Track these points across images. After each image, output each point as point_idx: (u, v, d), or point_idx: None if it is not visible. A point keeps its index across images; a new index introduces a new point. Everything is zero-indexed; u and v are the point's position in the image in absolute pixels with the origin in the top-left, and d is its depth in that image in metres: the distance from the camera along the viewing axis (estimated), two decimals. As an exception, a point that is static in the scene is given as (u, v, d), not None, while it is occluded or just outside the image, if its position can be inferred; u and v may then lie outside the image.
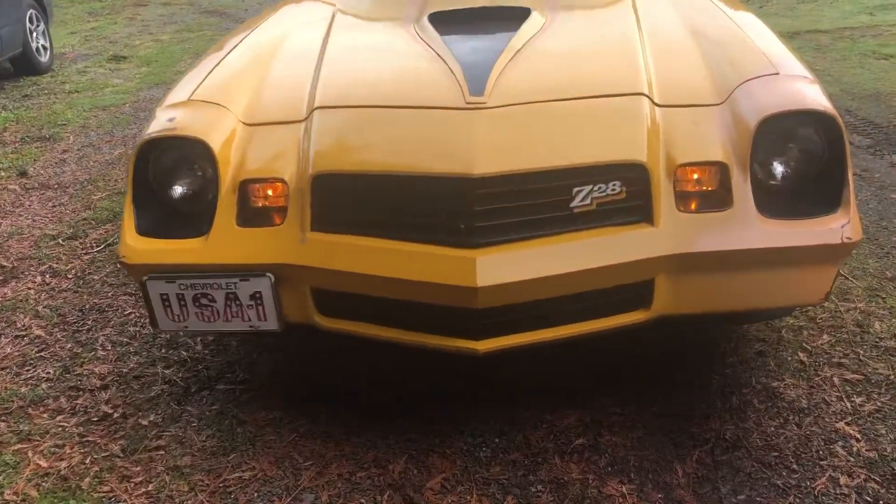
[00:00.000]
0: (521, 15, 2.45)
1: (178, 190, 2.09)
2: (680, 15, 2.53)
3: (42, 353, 2.71)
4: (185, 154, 2.07)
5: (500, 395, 2.30)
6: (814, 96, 1.95)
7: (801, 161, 1.95)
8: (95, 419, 2.33)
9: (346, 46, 2.48)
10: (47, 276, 3.31)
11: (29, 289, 3.20)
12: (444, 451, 2.09)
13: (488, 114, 1.95)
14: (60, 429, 2.29)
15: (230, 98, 2.19)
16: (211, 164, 2.02)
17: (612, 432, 2.12)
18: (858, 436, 2.05)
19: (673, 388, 2.28)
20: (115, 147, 5.05)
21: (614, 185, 1.88)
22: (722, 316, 2.07)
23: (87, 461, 2.15)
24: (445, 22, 2.48)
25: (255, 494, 1.99)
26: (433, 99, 2.04)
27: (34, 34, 7.41)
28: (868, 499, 1.86)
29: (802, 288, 1.96)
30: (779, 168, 1.96)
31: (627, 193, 1.89)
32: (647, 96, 2.01)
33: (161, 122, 2.10)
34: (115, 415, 2.34)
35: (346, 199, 1.95)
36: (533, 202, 1.86)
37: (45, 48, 7.63)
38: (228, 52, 2.53)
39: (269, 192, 2.03)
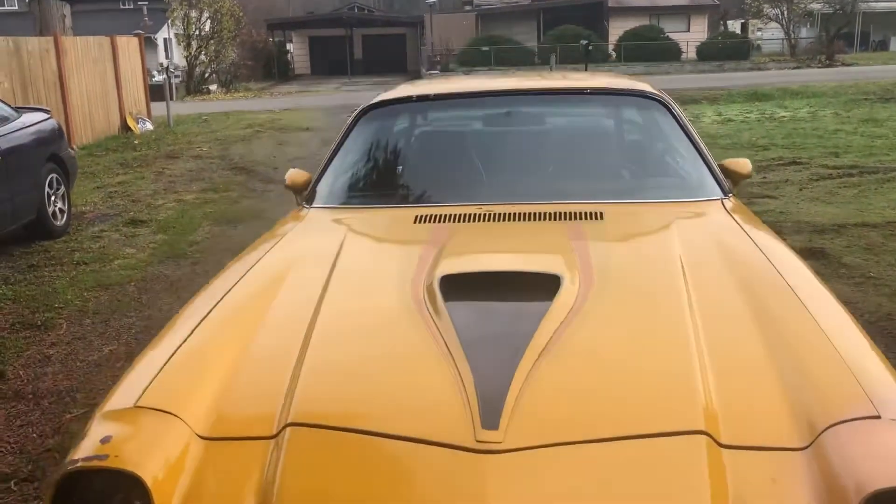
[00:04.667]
0: (550, 287, 2.05)
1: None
2: (739, 286, 2.13)
3: None
4: (117, 488, 1.63)
5: None
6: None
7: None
8: None
9: (336, 331, 2.08)
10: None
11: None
12: None
13: (502, 461, 1.51)
14: None
15: (184, 402, 1.77)
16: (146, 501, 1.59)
17: None
18: None
19: None
20: (107, 342, 4.65)
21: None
22: None
23: None
24: (458, 294, 2.09)
25: None
26: (436, 431, 1.61)
27: (52, 198, 7.26)
28: None
29: None
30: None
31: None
32: (708, 434, 1.56)
33: (93, 442, 1.67)
34: None
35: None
36: None
37: (62, 211, 7.47)
38: (196, 326, 2.13)
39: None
